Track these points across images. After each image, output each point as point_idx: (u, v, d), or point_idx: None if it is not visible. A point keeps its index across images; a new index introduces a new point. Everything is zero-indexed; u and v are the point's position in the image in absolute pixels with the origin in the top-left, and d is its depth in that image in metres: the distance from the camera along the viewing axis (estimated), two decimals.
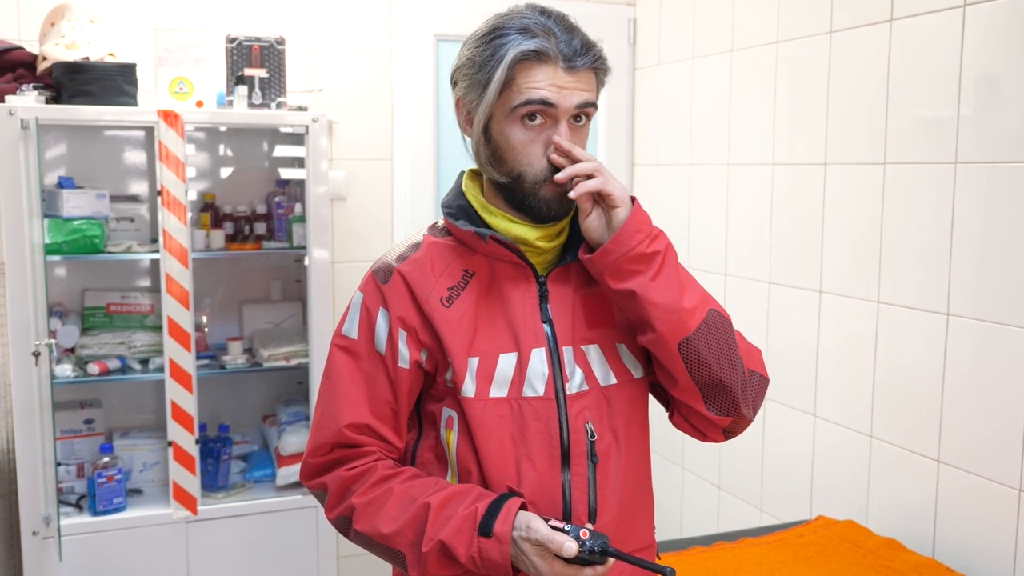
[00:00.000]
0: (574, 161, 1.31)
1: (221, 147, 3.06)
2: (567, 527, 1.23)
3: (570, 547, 1.20)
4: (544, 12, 1.34)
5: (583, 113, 1.33)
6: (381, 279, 1.38)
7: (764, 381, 1.38)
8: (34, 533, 2.61)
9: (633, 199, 1.33)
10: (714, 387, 1.32)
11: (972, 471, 2.04)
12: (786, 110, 2.60)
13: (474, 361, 1.34)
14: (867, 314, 2.31)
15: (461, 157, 3.31)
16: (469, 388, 1.33)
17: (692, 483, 3.08)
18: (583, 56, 1.31)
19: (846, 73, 2.38)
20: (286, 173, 3.08)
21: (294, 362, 2.91)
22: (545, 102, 1.30)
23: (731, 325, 1.34)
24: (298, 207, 2.93)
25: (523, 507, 1.28)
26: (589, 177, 1.30)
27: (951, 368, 2.08)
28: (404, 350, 1.35)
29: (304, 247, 2.87)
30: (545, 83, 1.30)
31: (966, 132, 2.04)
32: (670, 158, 3.18)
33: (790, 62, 2.58)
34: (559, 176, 1.31)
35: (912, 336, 2.19)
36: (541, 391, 1.33)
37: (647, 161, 3.34)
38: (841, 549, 2.09)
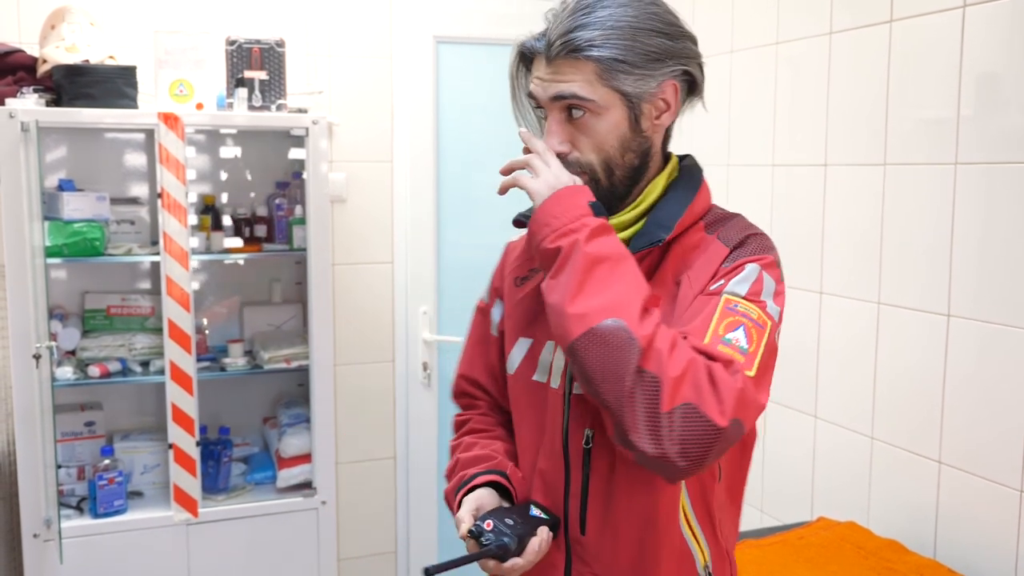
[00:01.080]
0: (530, 152, 1.30)
1: (221, 149, 3.05)
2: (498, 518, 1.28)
3: (463, 529, 1.28)
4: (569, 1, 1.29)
5: (574, 105, 1.26)
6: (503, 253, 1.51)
7: (702, 422, 1.09)
8: (35, 535, 2.61)
9: (571, 190, 1.24)
10: (604, 409, 1.15)
11: (973, 472, 2.04)
12: (786, 111, 2.60)
13: (526, 342, 1.38)
14: (868, 315, 2.31)
15: (460, 158, 3.32)
16: (513, 364, 1.39)
17: None
18: (559, 44, 1.24)
19: (846, 74, 2.38)
20: (286, 175, 3.08)
21: (295, 364, 2.91)
22: (531, 96, 1.30)
23: (635, 348, 1.11)
24: (298, 209, 2.94)
25: (499, 487, 1.35)
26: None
27: (952, 369, 2.08)
28: (495, 318, 1.48)
29: (304, 249, 2.86)
30: (534, 77, 1.30)
31: (966, 133, 2.04)
32: None
33: (790, 63, 2.58)
34: (500, 168, 1.31)
35: (913, 337, 2.18)
36: (557, 384, 1.32)
37: None
38: (843, 550, 2.09)
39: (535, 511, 1.34)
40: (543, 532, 1.29)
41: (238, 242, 2.93)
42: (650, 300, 1.17)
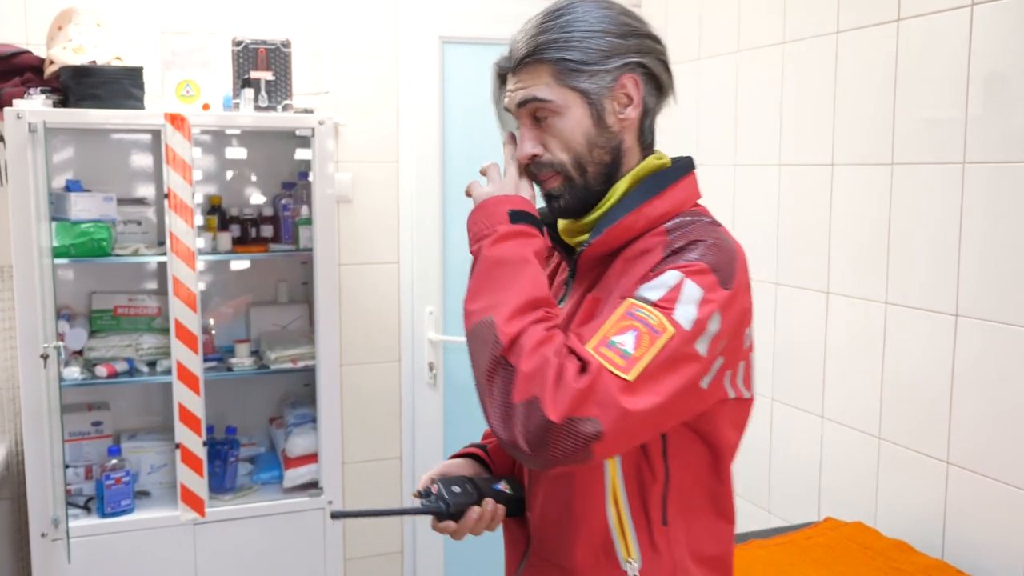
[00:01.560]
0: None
1: (227, 150, 3.06)
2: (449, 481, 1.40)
3: (416, 489, 1.42)
4: (540, 14, 1.38)
5: (539, 108, 1.33)
6: None
7: (538, 416, 1.14)
8: (43, 535, 2.62)
9: (497, 199, 1.33)
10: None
11: (981, 472, 2.03)
12: (792, 111, 2.60)
13: None
14: (875, 315, 2.31)
15: (466, 158, 3.32)
16: None
17: None
18: (518, 56, 1.34)
19: (853, 73, 2.38)
20: (292, 176, 3.08)
21: (301, 364, 2.91)
22: (507, 109, 1.38)
23: (496, 342, 1.19)
24: (304, 209, 2.94)
25: (476, 457, 1.51)
26: None
27: (960, 369, 2.08)
28: None
29: (310, 249, 2.87)
30: (506, 92, 1.39)
31: (974, 132, 2.04)
32: None
33: (796, 63, 2.58)
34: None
35: (920, 337, 2.18)
36: None
37: None
38: (850, 551, 2.09)
39: (500, 486, 1.42)
40: (487, 504, 1.38)
41: (244, 243, 2.93)
42: (539, 301, 1.24)
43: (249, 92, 2.75)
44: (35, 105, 2.54)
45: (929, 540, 2.14)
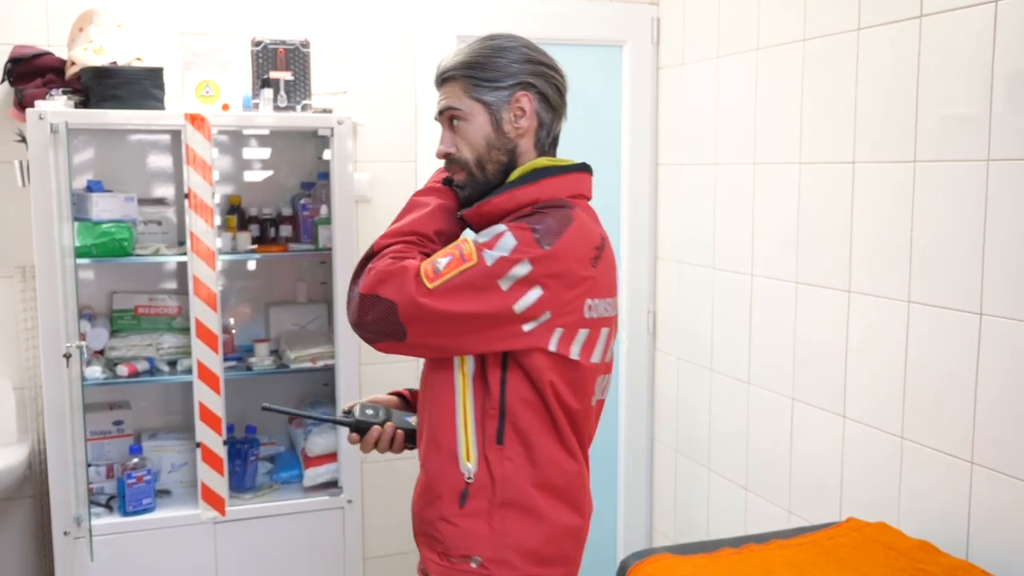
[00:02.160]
0: None
1: (246, 150, 3.07)
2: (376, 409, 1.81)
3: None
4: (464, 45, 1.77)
5: (452, 115, 1.73)
6: None
7: (354, 290, 1.67)
8: (65, 533, 2.64)
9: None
10: None
11: (1006, 472, 2.01)
12: (813, 108, 2.59)
13: None
14: (897, 314, 2.29)
15: None
16: None
17: (718, 484, 3.06)
18: (439, 76, 1.76)
19: (874, 70, 2.36)
20: (311, 175, 3.09)
21: (320, 364, 2.92)
22: (436, 117, 1.80)
23: (371, 249, 1.72)
24: (323, 209, 2.94)
25: (403, 397, 1.94)
26: None
27: (984, 368, 2.06)
28: None
29: (330, 249, 2.87)
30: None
31: (998, 129, 2.02)
32: (695, 158, 3.17)
33: (817, 60, 2.56)
34: None
35: (944, 336, 2.16)
36: None
37: (671, 161, 3.33)
38: (873, 551, 2.07)
39: (408, 418, 1.82)
40: (388, 427, 1.78)
41: (264, 242, 2.94)
42: (416, 232, 1.71)
43: (268, 92, 2.76)
44: (57, 106, 2.55)
45: (953, 541, 2.12)
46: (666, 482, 3.43)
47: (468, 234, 1.71)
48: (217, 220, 2.71)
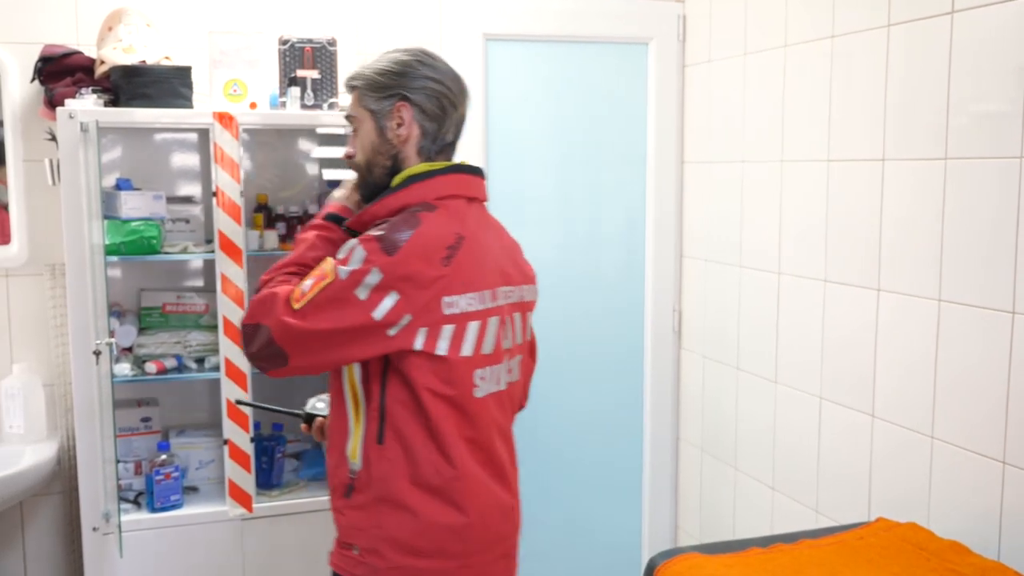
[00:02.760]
0: None
1: (273, 148, 3.08)
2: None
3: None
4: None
5: (351, 121, 1.94)
6: None
7: (240, 326, 1.86)
8: (94, 529, 2.65)
9: (331, 205, 2.05)
10: None
11: None
12: (842, 105, 2.57)
13: None
14: (927, 312, 2.27)
15: (510, 156, 3.32)
16: None
17: (745, 484, 3.05)
18: (346, 84, 1.95)
19: (904, 67, 2.34)
20: (338, 173, 3.09)
21: None
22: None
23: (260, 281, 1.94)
24: None
25: None
26: None
27: (1016, 367, 2.04)
28: None
29: None
30: None
31: None
32: (721, 155, 3.15)
33: (846, 57, 2.54)
34: None
35: (975, 334, 2.14)
36: None
37: (697, 159, 3.32)
38: (904, 551, 2.05)
39: None
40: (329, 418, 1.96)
41: (290, 240, 2.95)
42: (297, 264, 1.91)
43: (295, 90, 2.77)
44: (87, 105, 2.57)
45: (985, 541, 2.10)
46: (691, 481, 3.41)
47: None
48: (244, 218, 2.72)
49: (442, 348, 1.79)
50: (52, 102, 2.66)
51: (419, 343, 1.76)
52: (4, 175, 2.84)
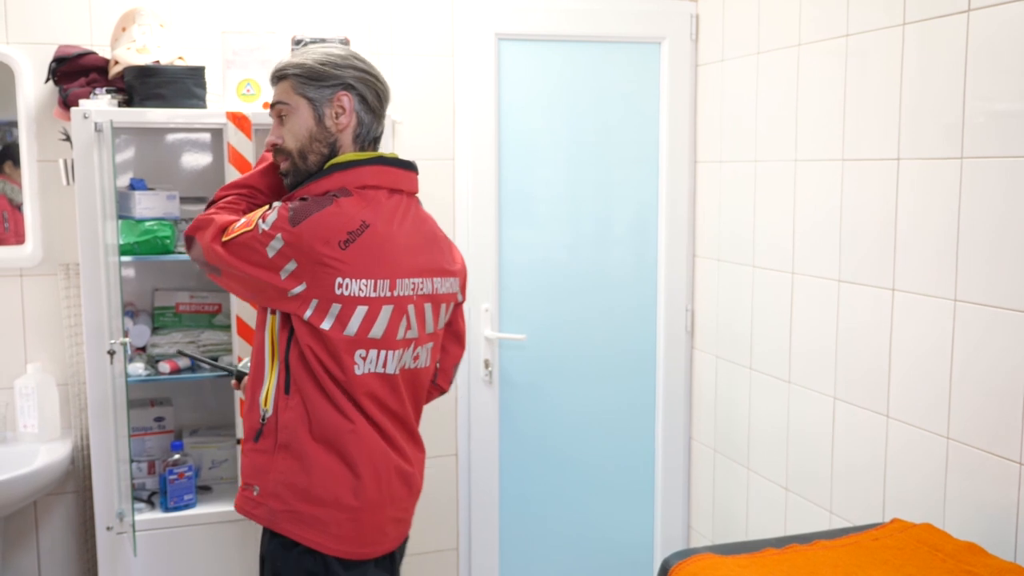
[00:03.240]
0: None
1: None
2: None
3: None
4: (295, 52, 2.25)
5: (281, 110, 2.02)
6: None
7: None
8: (108, 528, 2.66)
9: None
10: None
11: None
12: (856, 105, 2.56)
13: None
14: (943, 312, 2.26)
15: (522, 155, 3.31)
16: None
17: (758, 484, 3.04)
18: (274, 75, 2.04)
19: (920, 66, 2.33)
20: None
21: None
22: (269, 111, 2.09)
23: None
24: None
25: None
26: None
27: None
28: None
29: None
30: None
31: None
32: (734, 155, 3.14)
33: (861, 56, 2.53)
34: None
35: (991, 334, 2.13)
36: None
37: (710, 158, 3.31)
38: (919, 553, 2.04)
39: None
40: None
41: None
42: (239, 186, 2.13)
43: None
44: (101, 105, 2.58)
45: (1001, 542, 2.09)
46: (704, 481, 3.41)
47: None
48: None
49: (326, 324, 1.92)
50: (66, 102, 2.67)
51: (308, 313, 1.91)
52: (18, 176, 2.85)
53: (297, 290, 1.90)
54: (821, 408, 2.72)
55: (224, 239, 1.94)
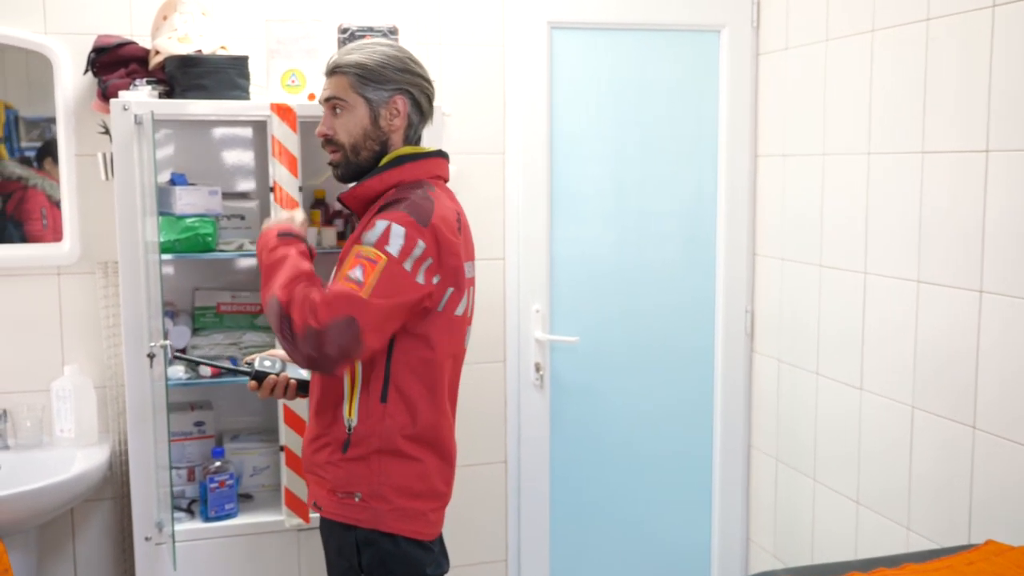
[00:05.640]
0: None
1: None
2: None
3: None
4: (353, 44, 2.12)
5: (336, 104, 2.05)
6: None
7: (311, 333, 1.85)
8: (147, 539, 2.56)
9: (265, 232, 2.12)
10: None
11: None
12: (937, 93, 2.39)
13: None
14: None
15: (575, 149, 3.18)
16: None
17: (825, 496, 2.87)
18: (330, 67, 2.07)
19: (1013, 50, 2.16)
20: None
21: None
22: (320, 101, 2.12)
23: (278, 306, 1.89)
24: None
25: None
26: None
27: None
28: None
29: None
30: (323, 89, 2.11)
31: None
32: (799, 148, 2.98)
33: (942, 40, 2.36)
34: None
35: None
36: None
37: (772, 152, 3.14)
38: None
39: (301, 371, 2.11)
40: (283, 377, 2.10)
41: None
42: (299, 275, 1.94)
43: None
44: (141, 96, 2.48)
45: None
46: (765, 491, 3.25)
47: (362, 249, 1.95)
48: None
49: (460, 309, 2.06)
50: (105, 94, 2.57)
51: (443, 304, 2.01)
52: (58, 172, 2.76)
53: (436, 285, 1.98)
54: (898, 417, 2.55)
55: (365, 293, 1.87)
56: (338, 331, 1.84)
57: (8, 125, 2.76)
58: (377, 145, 2.07)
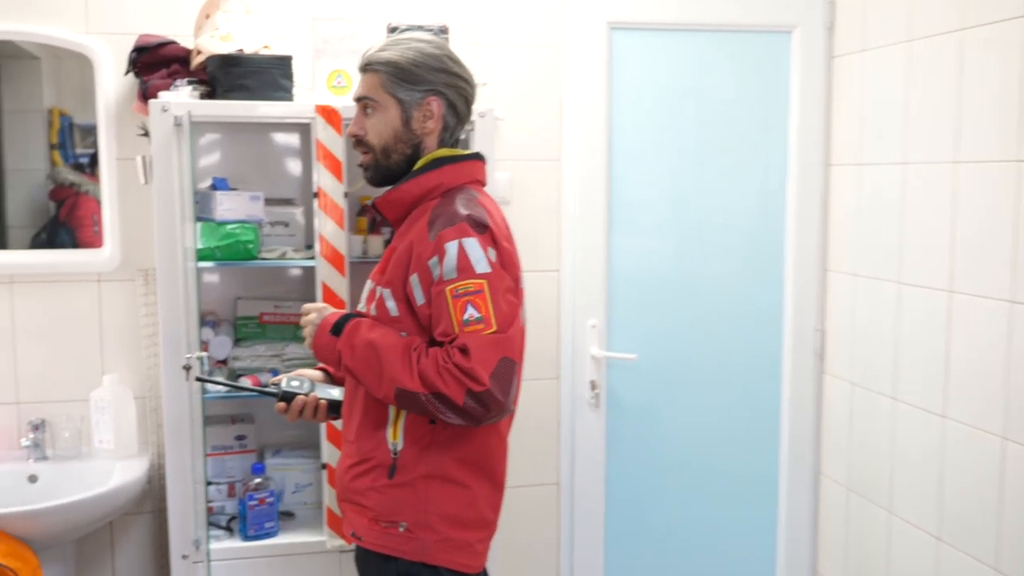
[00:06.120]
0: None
1: None
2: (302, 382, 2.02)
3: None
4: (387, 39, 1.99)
5: (367, 103, 1.93)
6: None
7: (483, 394, 1.73)
8: (184, 556, 2.46)
9: (320, 335, 1.95)
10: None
11: None
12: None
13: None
14: None
15: (635, 156, 3.01)
16: None
17: (901, 530, 2.67)
18: (362, 65, 1.95)
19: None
20: None
21: None
22: (354, 99, 1.99)
23: (417, 394, 1.77)
24: None
25: (327, 372, 2.13)
26: None
27: None
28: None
29: None
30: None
31: None
32: (876, 157, 2.78)
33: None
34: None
35: None
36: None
37: (846, 161, 2.95)
38: None
39: (331, 390, 2.02)
40: (312, 398, 1.99)
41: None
42: (402, 347, 1.81)
43: None
44: (181, 97, 2.39)
45: None
46: (835, 522, 3.04)
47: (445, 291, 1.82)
48: (347, 222, 2.49)
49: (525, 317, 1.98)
50: (146, 95, 2.48)
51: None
52: (99, 175, 2.68)
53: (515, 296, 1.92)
54: (986, 447, 2.34)
55: (494, 328, 1.76)
56: (499, 378, 1.75)
57: (63, 132, 2.71)
58: (409, 148, 1.94)
